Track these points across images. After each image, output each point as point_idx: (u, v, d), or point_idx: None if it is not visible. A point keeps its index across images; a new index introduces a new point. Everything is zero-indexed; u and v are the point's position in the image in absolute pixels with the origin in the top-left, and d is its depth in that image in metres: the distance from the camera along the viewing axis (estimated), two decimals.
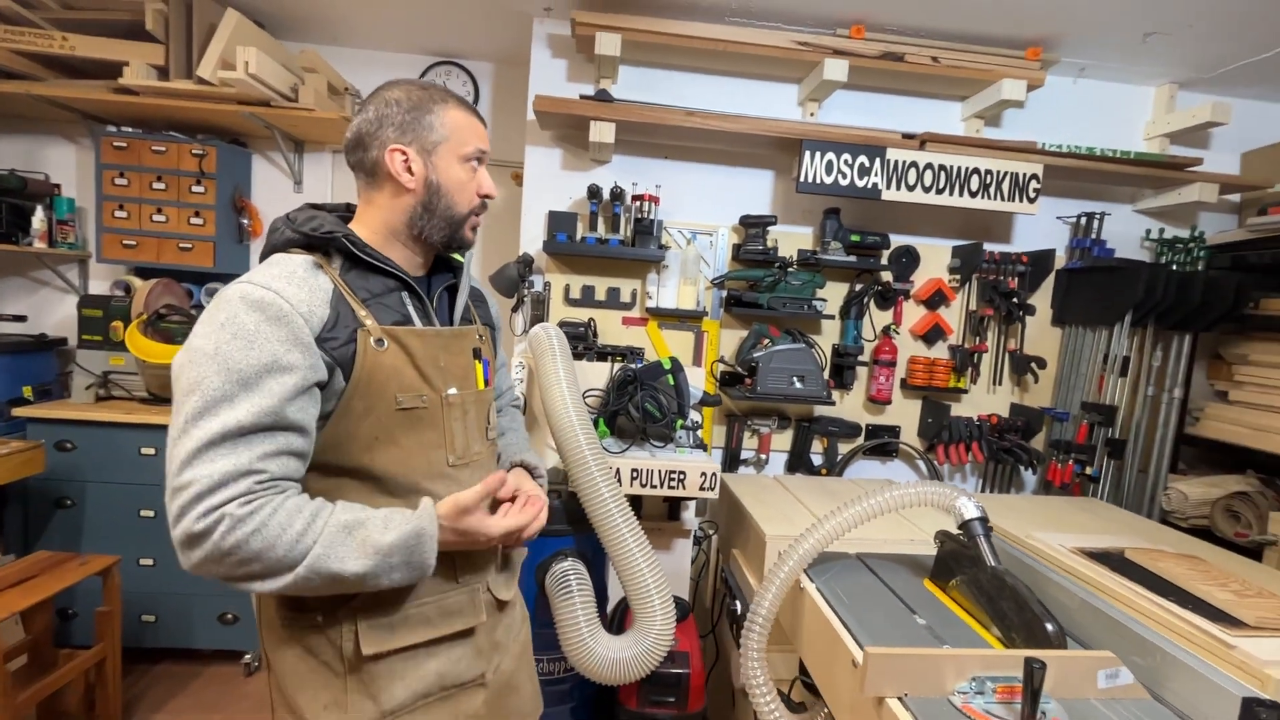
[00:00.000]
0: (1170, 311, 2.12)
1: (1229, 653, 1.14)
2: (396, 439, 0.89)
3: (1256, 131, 2.35)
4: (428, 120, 0.90)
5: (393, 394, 0.87)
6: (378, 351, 0.86)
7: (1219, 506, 2.16)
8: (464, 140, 0.93)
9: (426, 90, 0.92)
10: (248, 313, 0.77)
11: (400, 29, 2.37)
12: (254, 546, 0.73)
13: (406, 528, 0.82)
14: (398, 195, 0.91)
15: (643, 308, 2.21)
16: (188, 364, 0.76)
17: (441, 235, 0.95)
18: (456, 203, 0.94)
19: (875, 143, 2.00)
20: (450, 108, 0.92)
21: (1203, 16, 1.85)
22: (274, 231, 0.89)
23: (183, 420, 0.74)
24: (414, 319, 0.94)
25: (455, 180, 0.93)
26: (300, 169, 2.58)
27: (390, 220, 0.92)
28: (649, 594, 1.46)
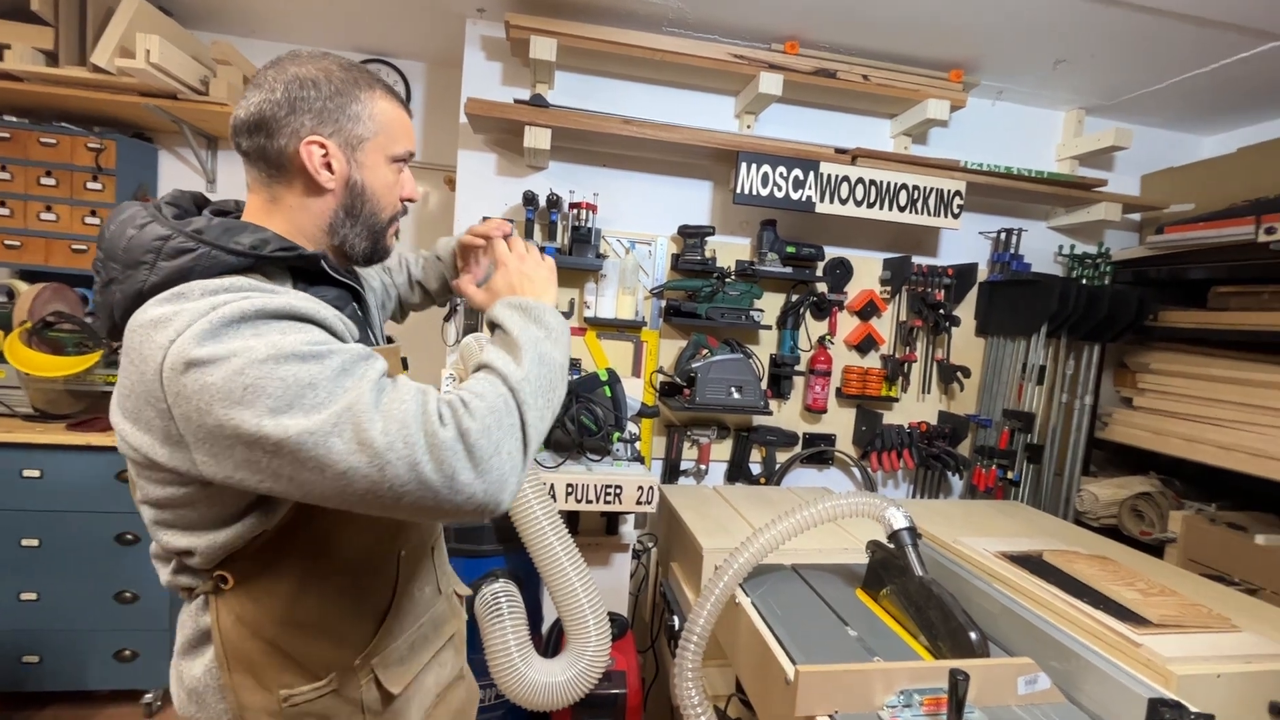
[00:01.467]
0: (1081, 323, 2.25)
1: (1136, 650, 1.19)
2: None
3: (1153, 155, 2.53)
4: (354, 110, 0.77)
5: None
6: None
7: (1125, 506, 2.30)
8: (394, 138, 0.81)
9: (349, 72, 0.78)
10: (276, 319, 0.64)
11: (324, 22, 2.26)
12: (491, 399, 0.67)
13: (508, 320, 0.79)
14: (311, 195, 0.77)
15: (580, 318, 2.17)
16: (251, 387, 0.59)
17: (364, 246, 0.83)
18: (381, 208, 0.82)
19: (809, 156, 2.03)
20: (379, 97, 0.80)
21: (1104, 48, 1.97)
22: (180, 253, 0.66)
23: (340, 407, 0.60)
24: (371, 334, 0.89)
25: (382, 182, 0.81)
26: (213, 167, 2.42)
27: (304, 225, 0.78)
28: (583, 614, 1.41)
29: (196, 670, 0.75)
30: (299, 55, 0.77)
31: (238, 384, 0.59)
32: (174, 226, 0.68)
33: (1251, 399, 2.01)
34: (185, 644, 0.77)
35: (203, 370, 0.60)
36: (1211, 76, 2.08)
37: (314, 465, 0.59)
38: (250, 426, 0.59)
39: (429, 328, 2.43)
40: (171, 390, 0.61)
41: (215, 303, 0.63)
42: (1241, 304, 2.09)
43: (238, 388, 0.59)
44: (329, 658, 0.78)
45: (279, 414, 0.59)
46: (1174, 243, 2.20)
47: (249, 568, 0.72)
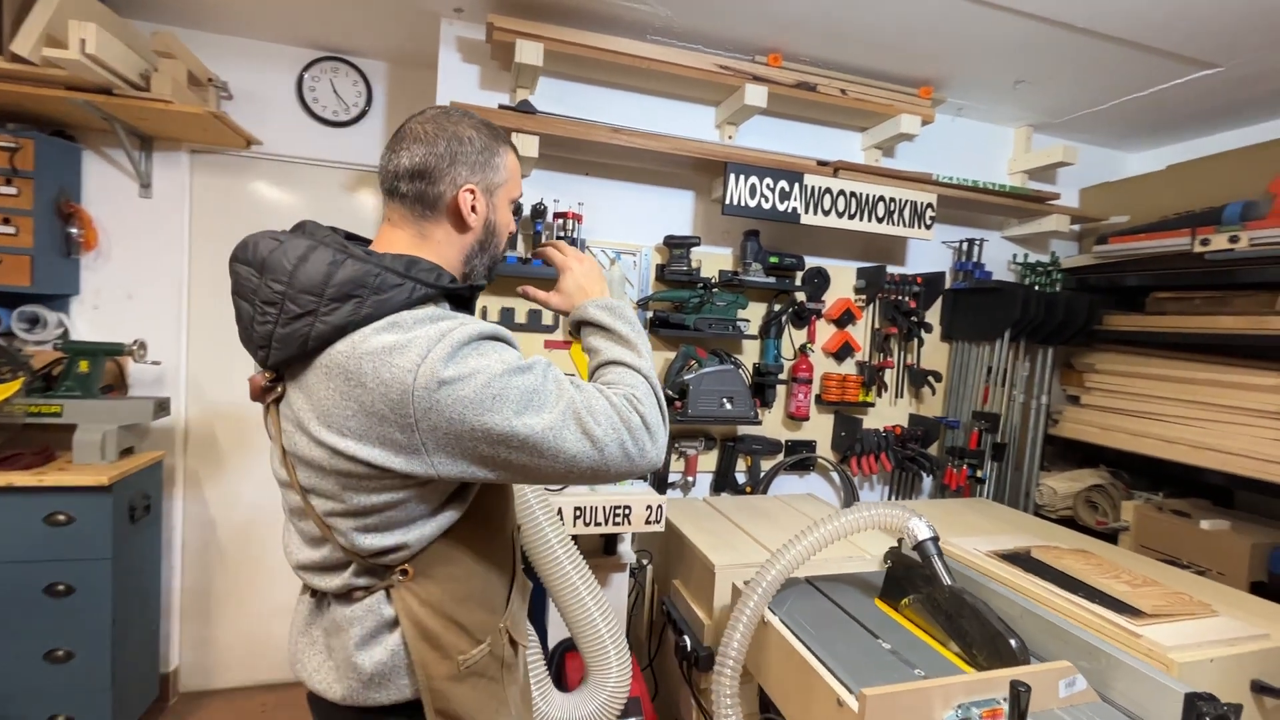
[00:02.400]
0: (1040, 328, 2.39)
1: (1137, 641, 1.26)
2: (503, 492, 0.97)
3: (1091, 171, 2.72)
4: (495, 162, 0.91)
5: None
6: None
7: (1080, 498, 2.46)
8: (516, 184, 0.96)
9: (492, 130, 0.93)
10: (491, 341, 0.79)
11: (278, 15, 2.08)
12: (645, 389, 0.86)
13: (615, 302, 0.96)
14: (458, 233, 0.90)
15: (566, 330, 2.11)
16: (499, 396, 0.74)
17: (485, 274, 0.96)
18: (502, 241, 0.96)
19: (795, 168, 2.06)
20: (509, 151, 0.94)
21: (1059, 70, 2.10)
22: (394, 287, 0.78)
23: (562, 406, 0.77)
24: None
25: (505, 222, 0.96)
26: (148, 170, 2.19)
27: (448, 257, 0.90)
28: (603, 645, 1.36)
29: (381, 655, 0.84)
30: (451, 114, 0.90)
31: (487, 394, 0.73)
32: (373, 262, 0.78)
33: (1189, 395, 2.19)
34: (364, 636, 0.84)
35: (454, 387, 0.73)
36: (1148, 99, 2.26)
37: (551, 453, 0.76)
38: (503, 427, 0.74)
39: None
40: (423, 406, 0.73)
41: (442, 329, 0.75)
42: (1177, 308, 2.28)
43: (487, 397, 0.73)
44: (487, 622, 0.90)
45: (521, 414, 0.74)
46: (1117, 252, 2.37)
47: (428, 559, 0.84)
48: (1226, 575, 1.96)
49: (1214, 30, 1.80)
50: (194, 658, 2.43)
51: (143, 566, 2.10)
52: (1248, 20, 1.74)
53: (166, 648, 2.35)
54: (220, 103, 2.21)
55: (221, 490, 2.40)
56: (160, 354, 2.21)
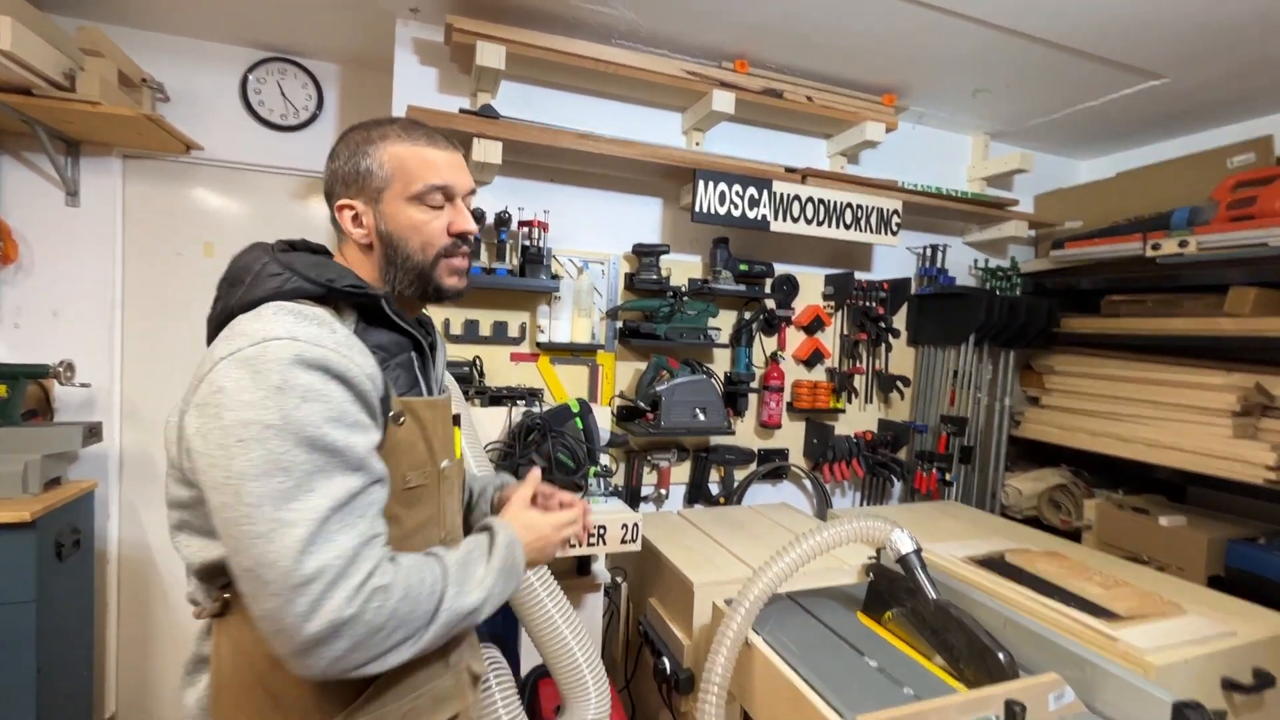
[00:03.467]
0: (1002, 332, 2.43)
1: (1114, 645, 1.27)
2: (400, 520, 0.82)
3: (1046, 177, 2.80)
4: (365, 166, 0.83)
5: (403, 473, 0.81)
6: (395, 428, 0.79)
7: (1044, 498, 2.51)
8: (410, 177, 0.83)
9: (367, 130, 0.85)
10: (309, 373, 0.68)
11: (218, 13, 1.96)
12: (403, 611, 0.69)
13: (500, 540, 0.84)
14: (362, 251, 0.86)
15: (533, 342, 2.04)
16: (239, 444, 0.65)
17: (413, 289, 0.86)
18: (414, 249, 0.85)
19: (763, 175, 2.04)
20: (390, 143, 0.83)
21: (1015, 79, 2.15)
22: (267, 276, 0.76)
23: (269, 508, 0.64)
24: (420, 383, 0.89)
25: (407, 225, 0.84)
26: (75, 177, 2.02)
27: (367, 276, 0.86)
28: (580, 673, 1.30)
29: (190, 699, 0.77)
30: (350, 128, 0.86)
31: (237, 435, 0.64)
32: (273, 255, 0.77)
33: (1144, 395, 2.25)
34: (186, 668, 0.79)
35: (222, 403, 0.65)
36: (1099, 109, 2.33)
37: (241, 535, 0.64)
38: (221, 474, 0.65)
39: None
40: (199, 400, 0.68)
41: (269, 333, 0.68)
42: (1130, 311, 2.35)
43: (233, 439, 0.64)
44: (310, 706, 0.75)
45: (247, 479, 0.64)
46: (1072, 257, 2.43)
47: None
48: (1186, 570, 2.01)
49: (1160, 43, 1.86)
50: (133, 700, 2.25)
51: (72, 608, 1.93)
52: (1190, 34, 1.80)
53: (102, 692, 2.17)
54: (156, 105, 2.06)
55: (161, 519, 2.23)
56: (90, 375, 2.05)
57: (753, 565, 1.61)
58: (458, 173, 0.87)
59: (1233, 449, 1.95)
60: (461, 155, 0.89)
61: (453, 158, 0.87)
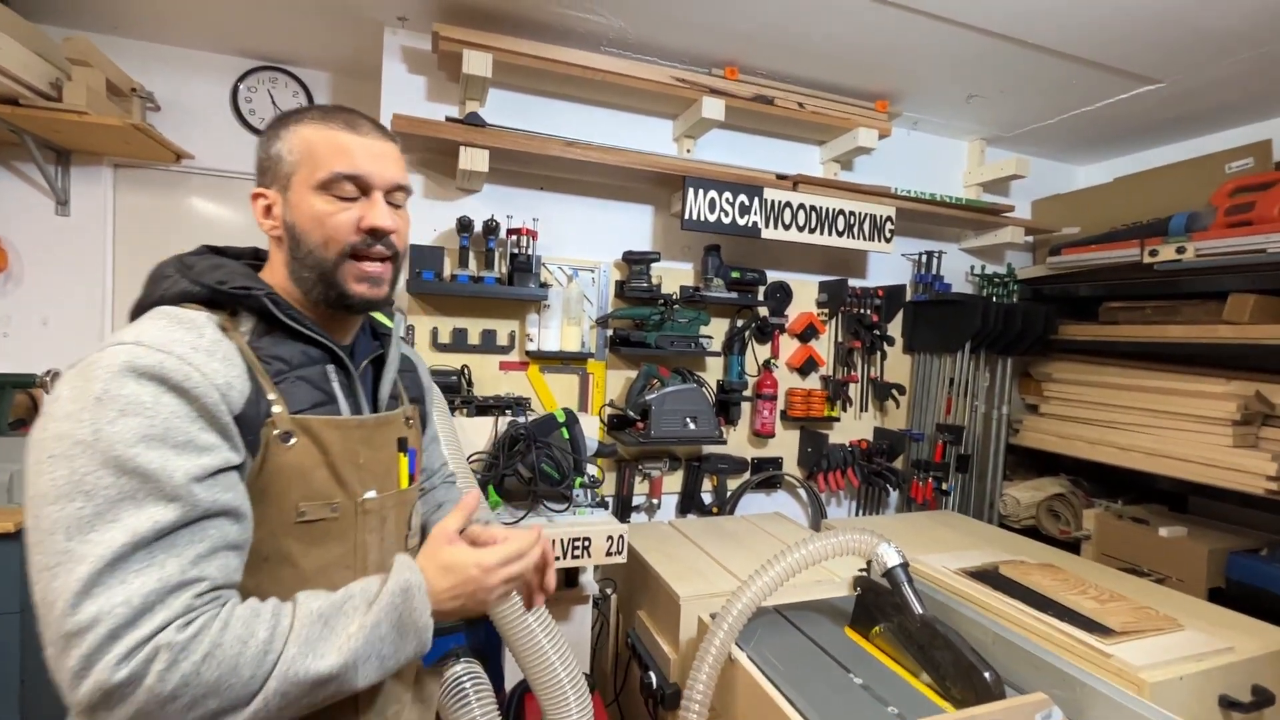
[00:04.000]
0: (999, 339, 2.40)
1: (1107, 661, 1.24)
2: (293, 559, 0.72)
3: (1043, 183, 2.77)
4: (275, 150, 0.76)
5: (294, 502, 0.71)
6: (282, 449, 0.70)
7: (1043, 508, 2.47)
8: (316, 162, 0.74)
9: (288, 114, 0.78)
10: (138, 383, 0.60)
11: (208, 23, 1.96)
12: (209, 677, 0.56)
13: (390, 586, 0.68)
14: (277, 248, 0.78)
15: (522, 351, 2.02)
16: (49, 460, 0.57)
17: (316, 291, 0.76)
18: (315, 244, 0.75)
19: (754, 182, 2.03)
20: (303, 125, 0.75)
21: (1010, 85, 2.13)
22: (161, 279, 0.72)
23: (61, 537, 0.55)
24: (339, 400, 0.78)
25: (310, 216, 0.74)
26: (65, 186, 2.03)
27: (279, 280, 0.78)
28: (563, 690, 1.27)
29: None
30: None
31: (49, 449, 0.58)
32: (180, 258, 0.74)
33: (1143, 403, 2.22)
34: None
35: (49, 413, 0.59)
36: (1095, 114, 2.31)
37: (31, 564, 0.56)
38: (29, 493, 0.58)
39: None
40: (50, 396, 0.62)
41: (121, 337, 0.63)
42: (1129, 318, 2.32)
43: (45, 454, 0.57)
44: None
45: (46, 500, 0.56)
46: (1070, 263, 2.41)
47: None
48: (1185, 582, 1.98)
49: (1155, 47, 1.83)
50: None
51: None
52: (1185, 38, 1.78)
53: None
54: (146, 114, 2.07)
55: None
56: None
57: (741, 577, 1.58)
58: (379, 162, 0.76)
59: (1233, 458, 1.92)
60: (395, 147, 0.80)
61: (375, 145, 0.77)
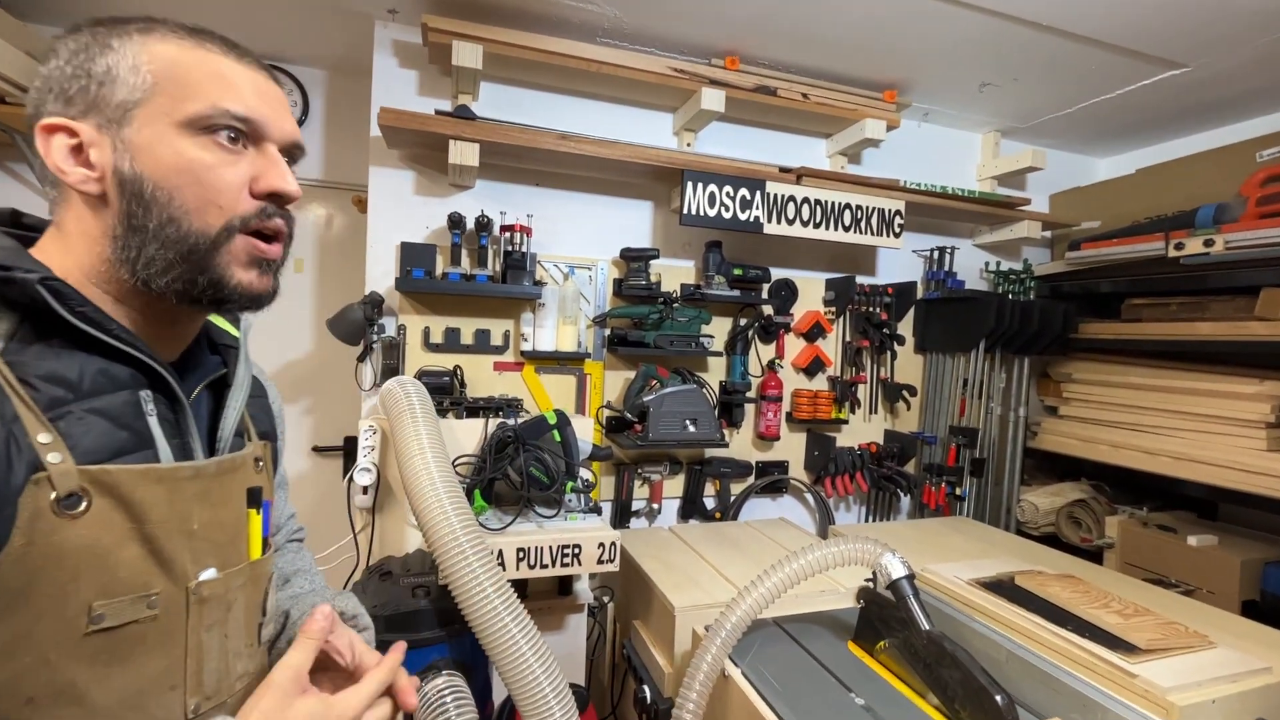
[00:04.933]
0: (1015, 338, 2.30)
1: (1132, 682, 1.15)
2: (80, 694, 0.48)
3: (1061, 176, 2.67)
4: (103, 67, 0.51)
5: (84, 602, 0.48)
6: (63, 522, 0.47)
7: (1063, 514, 2.36)
8: (186, 91, 0.53)
9: (107, 23, 0.54)
10: None
11: (201, 20, 1.91)
12: None
13: None
14: (89, 210, 0.53)
15: (517, 351, 1.97)
16: None
17: (171, 276, 0.54)
18: (187, 209, 0.53)
19: (755, 175, 1.96)
20: (156, 39, 0.53)
21: (1024, 72, 2.03)
22: None
23: None
24: (158, 442, 0.55)
25: (177, 166, 0.52)
26: None
27: (84, 258, 0.54)
28: (548, 705, 1.21)
29: None
30: (73, 26, 0.54)
31: None
32: None
33: (1169, 405, 2.11)
34: None
35: None
36: (1115, 102, 2.20)
37: None
38: None
39: (340, 370, 2.14)
40: None
41: None
42: (1153, 315, 2.20)
43: None
44: None
45: None
46: (1090, 258, 2.30)
47: None
48: (1217, 594, 1.87)
49: (1180, 29, 1.73)
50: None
51: None
52: (1213, 19, 1.68)
53: None
54: None
55: None
56: None
57: (741, 587, 1.51)
58: (276, 107, 0.58)
59: (1267, 463, 1.81)
60: (285, 96, 0.61)
61: (267, 85, 0.58)
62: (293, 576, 0.83)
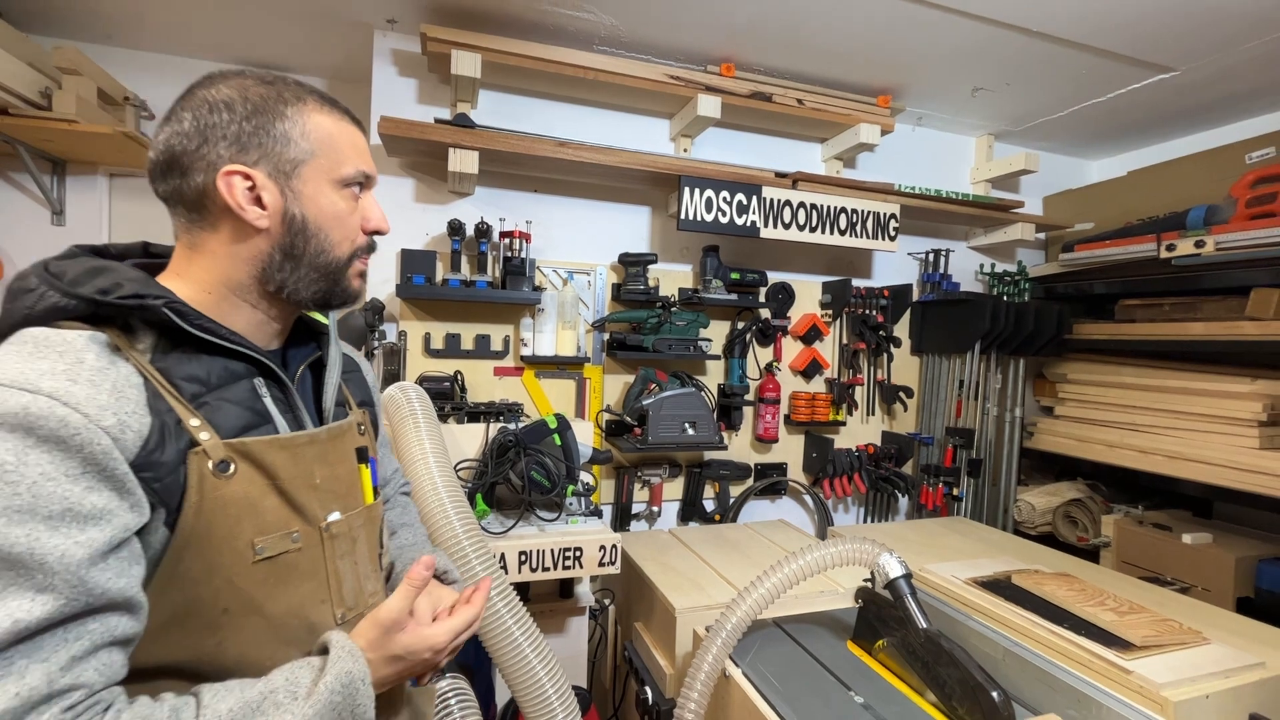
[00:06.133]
0: (1010, 339, 2.32)
1: (1127, 678, 1.16)
2: (258, 605, 0.63)
3: (1054, 178, 2.69)
4: (280, 129, 0.65)
5: (247, 541, 0.62)
6: (221, 480, 0.60)
7: (1059, 514, 2.38)
8: (339, 157, 0.69)
9: (271, 87, 0.66)
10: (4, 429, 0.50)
11: (200, 30, 1.96)
12: None
13: (329, 681, 0.59)
14: (242, 238, 0.66)
15: (517, 356, 1.98)
16: None
17: (315, 290, 0.70)
18: (333, 243, 0.70)
19: (751, 180, 1.98)
20: (311, 109, 0.68)
21: (1016, 77, 2.06)
22: (23, 293, 0.58)
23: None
24: (275, 418, 0.68)
25: (330, 212, 0.69)
26: (60, 196, 2.03)
27: (232, 274, 0.67)
28: (550, 706, 1.22)
29: None
30: (211, 77, 0.66)
31: None
32: (42, 265, 0.60)
33: (1163, 404, 2.13)
34: None
35: None
36: (1106, 105, 2.23)
37: None
38: None
39: None
40: None
41: None
42: (1147, 315, 2.23)
43: None
44: None
45: None
46: (1084, 260, 2.33)
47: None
48: (1212, 591, 1.89)
49: (1168, 33, 1.76)
50: None
51: None
52: (1200, 23, 1.70)
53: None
54: (141, 123, 2.06)
55: None
56: None
57: (741, 589, 1.53)
58: (373, 162, 0.75)
59: (1260, 461, 1.83)
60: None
61: (367, 143, 0.75)
62: (399, 529, 0.98)
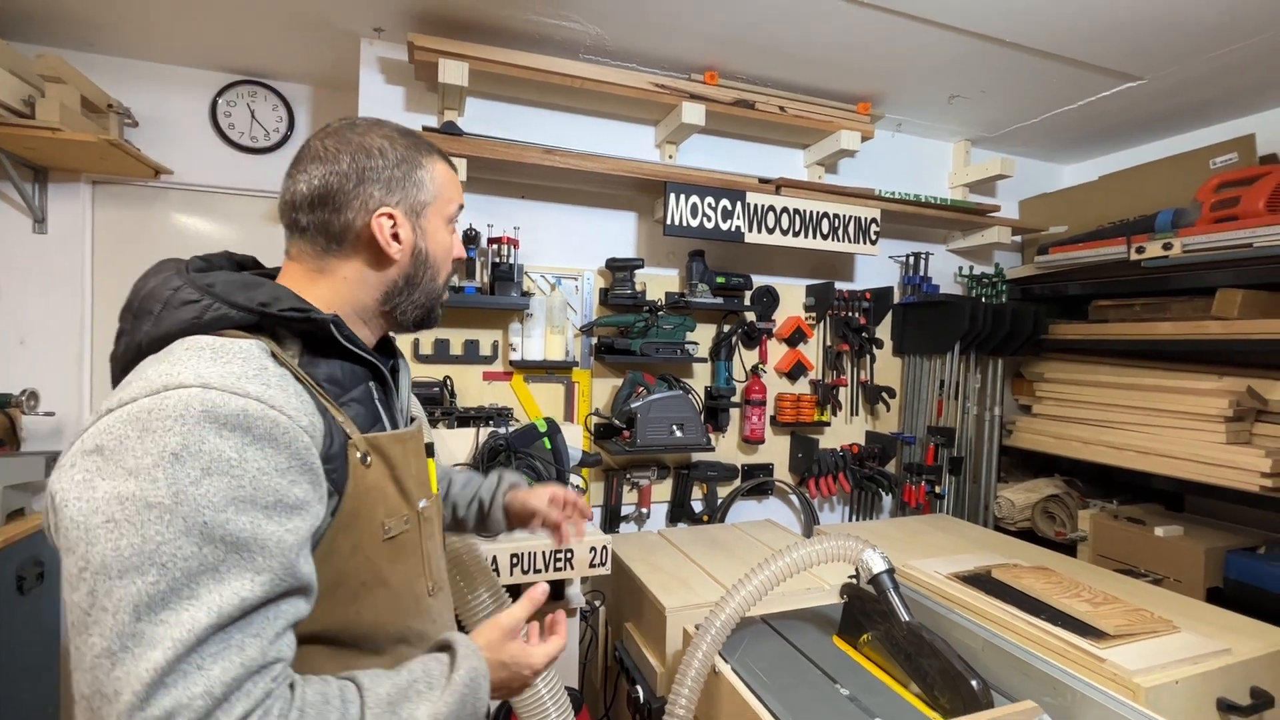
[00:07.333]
0: (988, 339, 2.38)
1: (1101, 666, 1.21)
2: (384, 578, 0.72)
3: (1029, 182, 2.77)
4: (418, 176, 0.76)
5: (379, 521, 0.71)
6: (364, 470, 0.69)
7: (1038, 509, 2.44)
8: (450, 198, 0.80)
9: (413, 138, 0.78)
10: (220, 435, 0.55)
11: (185, 38, 1.95)
12: None
13: (462, 674, 0.66)
14: (376, 267, 0.75)
15: (506, 361, 2.00)
16: (107, 525, 0.51)
17: (417, 313, 0.81)
18: (440, 273, 0.81)
19: (736, 186, 2.01)
20: (437, 161, 0.79)
21: (991, 85, 2.12)
22: (181, 304, 0.63)
23: (128, 616, 0.49)
24: (384, 417, 0.78)
25: (442, 247, 0.80)
26: (42, 204, 2.01)
27: (361, 297, 0.76)
28: (543, 707, 1.24)
29: None
30: (357, 124, 0.76)
31: (106, 513, 0.51)
32: (188, 277, 0.65)
33: (1135, 401, 2.20)
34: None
35: (97, 469, 0.52)
36: (1078, 112, 2.30)
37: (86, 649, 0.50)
38: (77, 563, 0.51)
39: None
40: (70, 462, 0.54)
41: (173, 378, 0.56)
42: (1119, 316, 2.30)
43: (101, 519, 0.51)
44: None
45: (109, 574, 0.50)
46: (1058, 262, 2.39)
47: None
48: (1183, 582, 1.95)
49: (1135, 44, 1.83)
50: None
51: (33, 643, 1.88)
52: (1165, 34, 1.77)
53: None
54: (124, 130, 2.05)
55: None
56: (56, 404, 2.01)
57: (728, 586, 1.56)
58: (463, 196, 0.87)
59: (1227, 455, 1.90)
60: None
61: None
62: (451, 475, 1.16)
